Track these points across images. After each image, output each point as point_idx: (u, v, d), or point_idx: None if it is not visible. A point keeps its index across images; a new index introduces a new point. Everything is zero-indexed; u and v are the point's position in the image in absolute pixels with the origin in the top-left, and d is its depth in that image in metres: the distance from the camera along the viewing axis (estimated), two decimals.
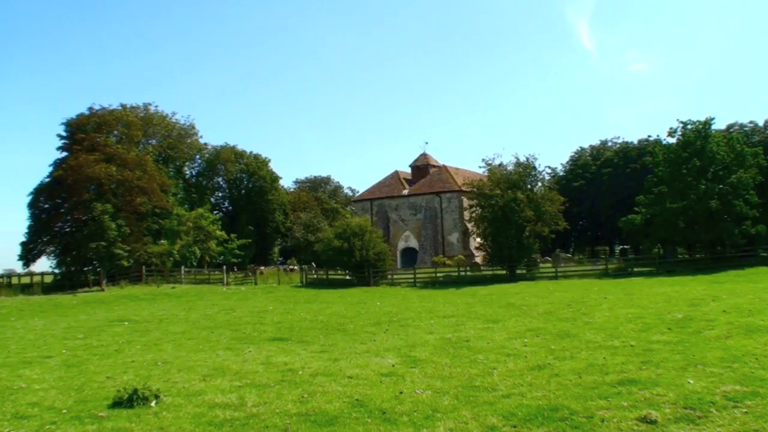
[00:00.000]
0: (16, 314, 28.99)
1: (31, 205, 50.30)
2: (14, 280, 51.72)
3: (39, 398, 10.92)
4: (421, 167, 69.68)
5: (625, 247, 69.97)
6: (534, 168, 45.81)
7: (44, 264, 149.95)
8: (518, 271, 44.08)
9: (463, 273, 44.59)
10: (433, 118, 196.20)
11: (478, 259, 56.82)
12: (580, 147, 77.96)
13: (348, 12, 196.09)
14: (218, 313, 26.37)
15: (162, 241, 53.49)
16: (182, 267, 50.24)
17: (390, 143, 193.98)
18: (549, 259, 52.91)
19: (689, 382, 9.82)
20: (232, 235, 64.73)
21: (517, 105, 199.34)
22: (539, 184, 47.11)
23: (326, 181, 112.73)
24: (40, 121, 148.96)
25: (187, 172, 78.12)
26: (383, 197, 67.70)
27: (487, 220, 44.05)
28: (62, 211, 49.21)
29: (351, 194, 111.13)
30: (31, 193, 50.51)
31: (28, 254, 49.76)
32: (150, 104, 67.97)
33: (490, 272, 45.73)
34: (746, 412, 8.27)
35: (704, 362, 11.27)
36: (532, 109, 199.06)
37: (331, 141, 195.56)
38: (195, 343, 17.01)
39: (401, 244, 66.15)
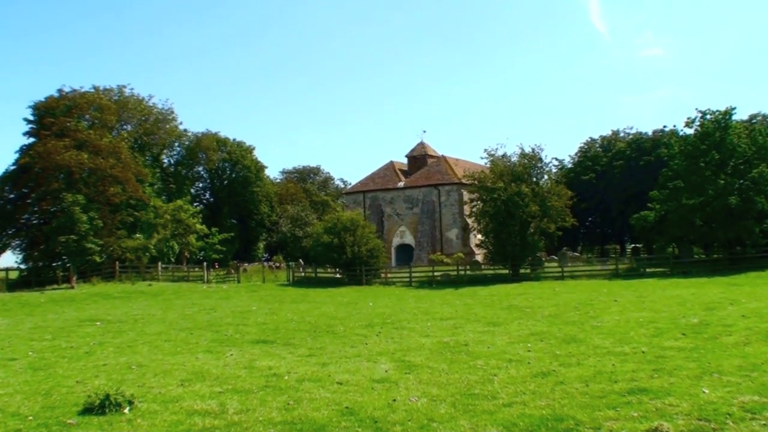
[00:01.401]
0: None
1: None
2: None
3: (3, 404, 10.87)
4: (419, 157, 69.68)
5: (637, 245, 70.26)
6: (540, 159, 45.83)
7: (9, 259, 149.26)
8: (522, 271, 44.13)
9: (462, 272, 44.67)
10: (432, 105, 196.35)
11: (479, 258, 56.88)
12: (590, 138, 77.95)
13: None
14: (198, 313, 26.34)
15: (137, 235, 53.35)
16: (159, 263, 50.17)
17: (385, 131, 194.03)
18: (555, 258, 52.98)
19: (704, 392, 9.85)
20: (214, 229, 64.64)
21: (522, 91, 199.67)
22: (545, 177, 47.14)
23: (315, 171, 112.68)
24: (4, 103, 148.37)
25: (165, 160, 77.95)
26: (377, 189, 67.70)
27: (488, 215, 44.09)
28: (29, 201, 48.99)
29: (342, 186, 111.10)
30: None
31: None
32: (125, 87, 67.79)
33: (492, 271, 45.77)
34: (765, 425, 8.29)
35: (721, 370, 11.32)
36: (538, 96, 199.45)
37: (321, 128, 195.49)
38: (172, 346, 16.99)
39: (396, 241, 66.20)
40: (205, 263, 51.73)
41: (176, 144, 77.70)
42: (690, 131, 45.80)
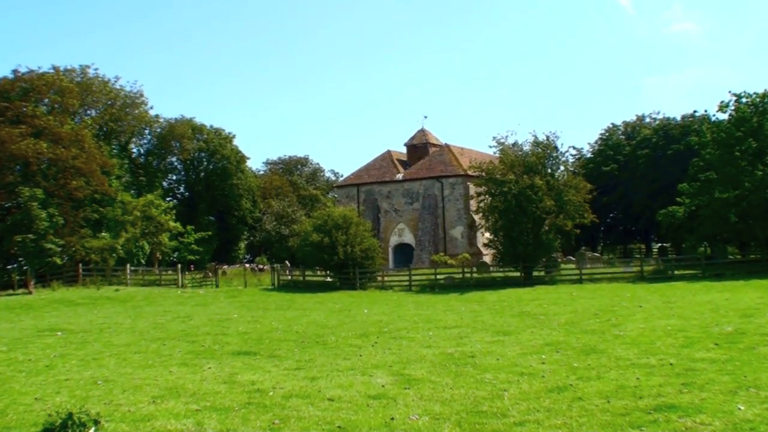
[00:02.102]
0: None
1: None
2: None
3: None
4: (419, 146, 69.67)
5: (665, 245, 70.37)
6: (555, 149, 45.86)
7: None
8: (535, 273, 44.16)
9: (468, 275, 44.71)
10: (434, 87, 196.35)
11: (487, 258, 56.92)
12: (612, 124, 78.21)
13: None
14: (171, 321, 26.32)
15: (103, 234, 53.31)
16: (128, 265, 50.12)
17: (381, 117, 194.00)
18: (572, 258, 53.06)
19: (739, 409, 9.89)
20: (189, 227, 64.66)
21: (535, 72, 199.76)
22: (561, 168, 47.18)
23: (303, 162, 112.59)
24: None
25: (134, 149, 77.87)
26: (372, 182, 67.68)
27: (498, 210, 44.12)
28: None
29: (333, 178, 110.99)
30: None
31: None
32: (88, 67, 67.61)
33: (501, 274, 45.79)
34: None
35: (758, 385, 11.35)
36: (553, 76, 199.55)
37: (309, 114, 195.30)
38: (143, 358, 16.98)
39: (394, 240, 66.23)
40: (179, 265, 51.72)
41: (146, 131, 77.62)
42: (724, 116, 45.88)
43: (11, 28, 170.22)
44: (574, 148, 78.20)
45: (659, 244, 73.69)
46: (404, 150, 71.27)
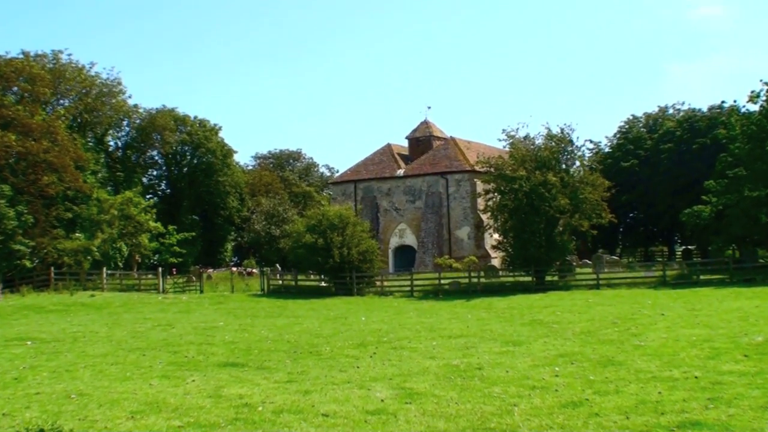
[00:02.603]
0: None
1: None
2: None
3: None
4: (422, 139, 69.70)
5: (689, 247, 70.36)
6: (570, 142, 45.86)
7: None
8: (548, 278, 44.15)
9: (475, 279, 44.69)
10: (438, 75, 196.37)
11: (496, 262, 56.94)
12: (632, 115, 78.12)
13: None
14: (152, 329, 26.33)
15: (77, 235, 53.28)
16: (104, 269, 50.13)
17: (381, 108, 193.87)
18: (589, 262, 53.13)
19: None
20: (171, 227, 64.60)
21: (548, 59, 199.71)
22: (577, 163, 47.20)
23: (296, 156, 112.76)
24: None
25: (111, 142, 77.87)
26: (371, 178, 67.71)
27: (507, 209, 44.12)
28: None
29: (328, 174, 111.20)
30: None
31: None
32: (61, 52, 67.48)
33: (511, 279, 45.77)
34: None
35: None
36: (568, 64, 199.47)
37: (302, 103, 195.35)
38: (120, 370, 16.98)
39: (394, 241, 66.26)
40: (160, 269, 51.67)
41: (125, 123, 77.59)
42: (754, 107, 45.78)
43: None
44: (591, 141, 78.00)
45: (683, 247, 73.64)
46: (406, 143, 71.29)
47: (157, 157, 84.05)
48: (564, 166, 45.68)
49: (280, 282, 50.56)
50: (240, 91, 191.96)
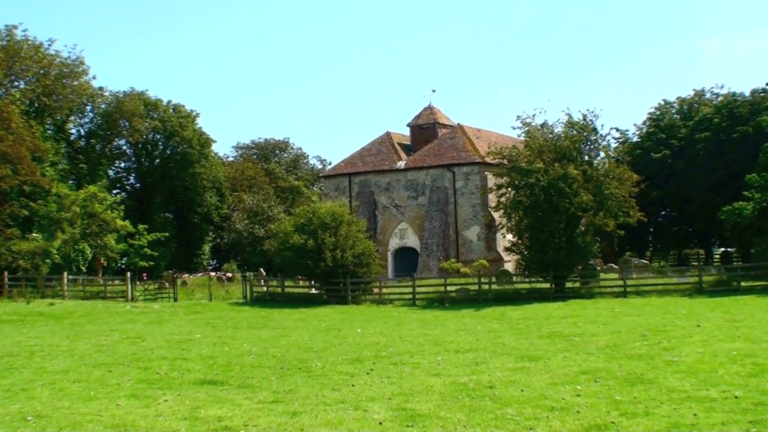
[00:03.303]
0: None
1: None
2: None
3: None
4: (426, 127, 69.59)
5: (729, 250, 70.37)
6: (594, 130, 45.87)
7: None
8: (568, 285, 44.16)
9: (485, 286, 44.71)
10: (444, 54, 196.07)
11: (509, 266, 56.94)
12: (664, 100, 78.12)
13: None
14: (119, 342, 26.30)
15: (34, 235, 53.20)
16: (65, 274, 50.05)
17: (378, 92, 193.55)
18: (615, 267, 53.10)
19: None
20: (141, 227, 64.53)
21: (568, 35, 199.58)
22: (601, 154, 47.22)
23: (282, 146, 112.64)
24: None
25: (73, 130, 77.69)
26: (368, 171, 67.64)
27: (523, 207, 44.12)
28: None
29: (320, 166, 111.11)
30: None
31: None
32: (15, 27, 67.19)
33: (527, 285, 45.78)
34: None
35: None
36: (590, 41, 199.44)
37: (290, 87, 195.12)
38: (84, 388, 16.96)
39: (394, 242, 66.24)
40: (128, 274, 51.60)
41: (88, 108, 77.41)
42: None
43: None
44: (617, 130, 77.95)
45: (722, 249, 73.72)
46: (407, 132, 71.20)
47: (125, 147, 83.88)
48: (587, 158, 45.70)
49: (265, 289, 50.51)
50: (219, 72, 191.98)
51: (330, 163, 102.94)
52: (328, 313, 38.34)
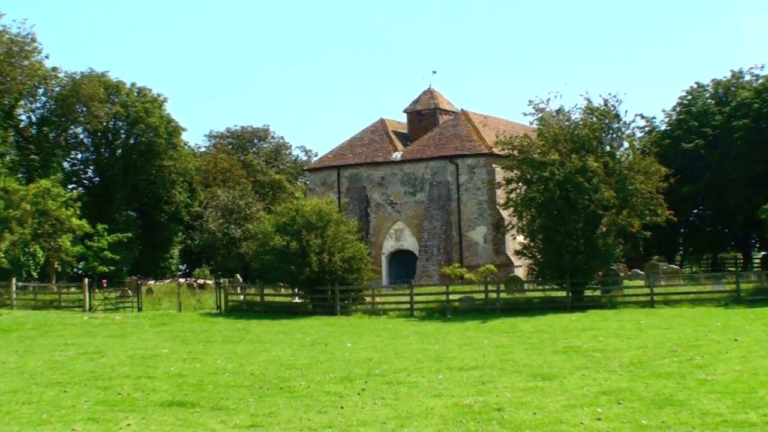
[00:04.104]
0: None
1: None
2: None
3: None
4: (425, 113, 69.56)
5: None
6: (617, 117, 45.87)
7: None
8: (587, 293, 44.20)
9: (493, 294, 44.73)
10: (446, 30, 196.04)
11: (520, 272, 56.99)
12: (696, 83, 78.06)
13: None
14: (75, 358, 26.27)
15: None
16: (13, 280, 50.00)
17: (372, 73, 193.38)
18: (640, 272, 53.13)
19: None
20: (101, 226, 64.43)
21: (586, 10, 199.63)
22: (625, 144, 47.19)
23: (262, 135, 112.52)
24: None
25: (23, 116, 77.54)
26: (359, 163, 67.61)
27: (536, 204, 44.14)
28: None
29: (304, 158, 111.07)
30: None
31: None
32: None
33: (540, 294, 45.82)
34: None
35: None
36: (611, 16, 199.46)
37: (270, 66, 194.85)
38: (35, 410, 16.93)
39: (389, 245, 66.22)
40: (86, 280, 51.55)
41: (40, 91, 77.23)
42: None
43: None
44: (643, 117, 77.34)
45: (762, 253, 73.77)
46: (404, 118, 71.22)
47: (82, 136, 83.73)
48: (608, 149, 45.72)
49: (242, 297, 50.49)
50: (190, 51, 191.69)
51: (316, 155, 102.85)
52: (314, 325, 38.33)
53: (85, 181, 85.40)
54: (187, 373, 22.10)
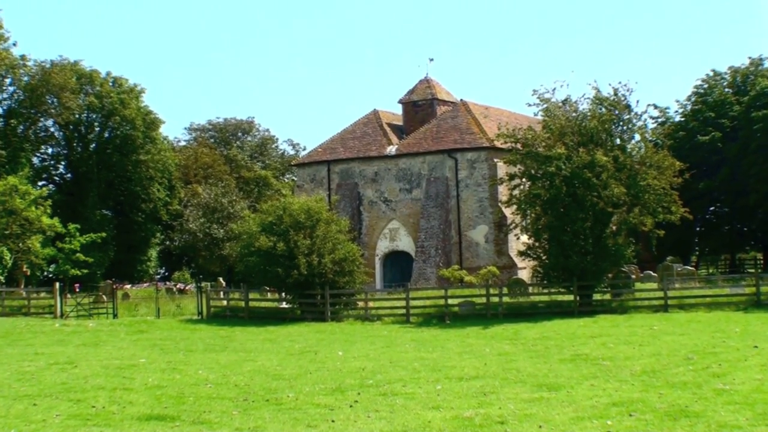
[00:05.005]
0: None
1: None
2: None
3: None
4: (422, 104, 69.51)
5: None
6: (628, 108, 45.89)
7: None
8: (596, 297, 44.22)
9: (495, 298, 44.77)
10: (443, 13, 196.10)
11: (524, 274, 57.00)
12: (713, 71, 78.10)
13: None
14: (46, 369, 26.25)
15: None
16: None
17: (364, 61, 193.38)
18: (653, 274, 53.17)
19: None
20: (73, 227, 64.33)
21: None
22: (637, 137, 47.22)
23: (246, 128, 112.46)
24: None
25: None
26: (351, 158, 67.57)
27: (540, 201, 44.15)
28: None
29: (292, 152, 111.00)
30: None
31: None
32: None
33: (546, 297, 45.82)
34: None
35: None
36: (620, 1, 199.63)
37: (255, 56, 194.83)
38: (2, 425, 16.90)
39: (383, 245, 66.20)
40: (57, 284, 51.54)
41: (7, 81, 77.18)
42: None
43: None
44: (656, 107, 77.72)
45: None
46: (399, 109, 71.17)
47: (52, 129, 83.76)
48: (619, 142, 45.73)
49: (225, 303, 50.47)
50: (169, 38, 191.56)
51: (304, 149, 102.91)
52: (303, 333, 38.34)
53: (56, 178, 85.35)
54: (166, 384, 22.09)
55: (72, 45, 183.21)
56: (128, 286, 65.89)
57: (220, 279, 63.76)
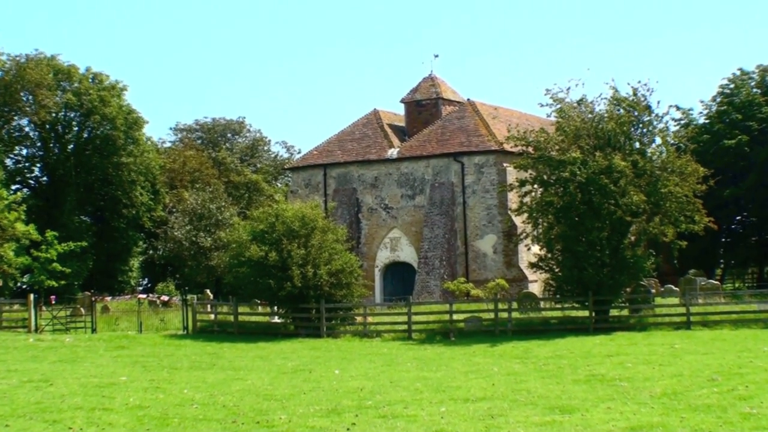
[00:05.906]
0: None
1: None
2: None
3: None
4: (426, 103, 69.58)
5: None
6: (648, 109, 45.93)
7: None
8: (613, 312, 44.22)
9: (504, 314, 44.78)
10: (449, 10, 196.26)
11: (535, 288, 57.03)
12: (740, 70, 78.15)
13: None
14: (19, 387, 26.26)
15: None
16: None
17: (364, 58, 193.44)
18: (675, 288, 53.20)
19: None
20: (49, 234, 64.41)
21: None
22: (657, 140, 47.25)
23: (237, 128, 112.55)
24: None
25: None
26: (349, 162, 67.63)
27: (554, 209, 44.17)
28: None
29: (286, 155, 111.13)
30: None
31: None
32: None
33: (559, 313, 45.85)
34: None
35: None
36: None
37: (246, 52, 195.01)
38: None
39: (384, 255, 66.22)
40: (32, 296, 51.53)
41: None
42: None
43: None
44: (678, 108, 77.86)
45: None
46: (401, 109, 71.27)
47: (27, 129, 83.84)
48: (638, 145, 45.79)
49: (212, 317, 50.50)
50: (153, 32, 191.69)
51: (299, 151, 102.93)
52: (296, 349, 38.37)
53: (31, 181, 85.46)
54: (148, 404, 22.09)
55: (49, 38, 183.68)
56: (108, 299, 65.81)
57: (208, 291, 63.69)
